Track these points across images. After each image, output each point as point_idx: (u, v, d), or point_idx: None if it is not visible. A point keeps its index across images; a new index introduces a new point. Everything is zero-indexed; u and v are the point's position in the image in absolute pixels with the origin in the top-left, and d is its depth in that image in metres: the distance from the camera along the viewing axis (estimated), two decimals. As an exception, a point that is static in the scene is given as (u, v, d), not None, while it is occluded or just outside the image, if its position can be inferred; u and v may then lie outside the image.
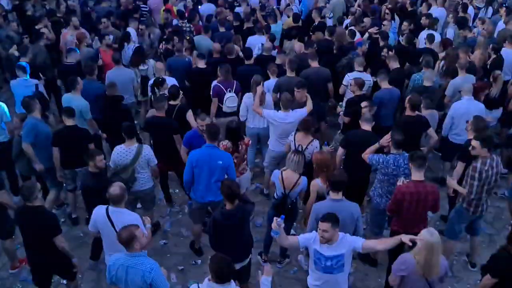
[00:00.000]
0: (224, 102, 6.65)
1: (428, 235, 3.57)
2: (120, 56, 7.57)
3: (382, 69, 6.82)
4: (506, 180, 6.46)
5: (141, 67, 7.75)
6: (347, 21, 9.66)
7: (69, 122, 5.59)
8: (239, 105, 6.69)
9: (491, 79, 6.87)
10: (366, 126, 5.52)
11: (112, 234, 3.92)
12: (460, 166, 5.09)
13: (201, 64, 7.30)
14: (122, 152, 5.23)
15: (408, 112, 5.83)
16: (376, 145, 5.13)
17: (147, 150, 5.30)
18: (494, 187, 5.14)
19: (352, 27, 8.90)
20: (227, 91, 6.65)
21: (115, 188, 4.11)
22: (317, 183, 4.95)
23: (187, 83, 7.46)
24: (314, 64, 7.07)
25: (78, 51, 7.74)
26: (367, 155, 5.10)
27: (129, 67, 7.77)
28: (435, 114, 6.20)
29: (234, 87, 6.73)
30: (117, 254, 3.67)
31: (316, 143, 5.58)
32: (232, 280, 3.38)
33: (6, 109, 6.17)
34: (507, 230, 5.83)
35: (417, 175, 4.42)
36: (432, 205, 4.54)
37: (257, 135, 6.65)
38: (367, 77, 6.98)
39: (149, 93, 7.13)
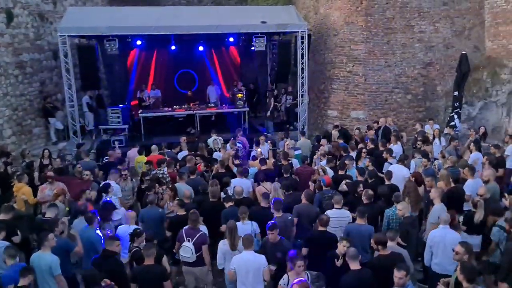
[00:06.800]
0: (179, 249, 6.49)
1: None
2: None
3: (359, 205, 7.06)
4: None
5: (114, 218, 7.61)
6: (319, 161, 10.22)
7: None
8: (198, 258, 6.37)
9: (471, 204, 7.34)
10: (354, 265, 5.37)
11: None
12: None
13: (181, 212, 7.30)
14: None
15: (381, 252, 5.75)
16: None
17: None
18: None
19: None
20: (186, 240, 6.42)
21: None
22: None
23: (167, 234, 7.32)
24: (304, 201, 7.31)
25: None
26: None
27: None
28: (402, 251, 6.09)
29: (195, 238, 6.40)
30: None
31: None
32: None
33: None
34: None
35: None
36: None
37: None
38: (346, 214, 7.15)
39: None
